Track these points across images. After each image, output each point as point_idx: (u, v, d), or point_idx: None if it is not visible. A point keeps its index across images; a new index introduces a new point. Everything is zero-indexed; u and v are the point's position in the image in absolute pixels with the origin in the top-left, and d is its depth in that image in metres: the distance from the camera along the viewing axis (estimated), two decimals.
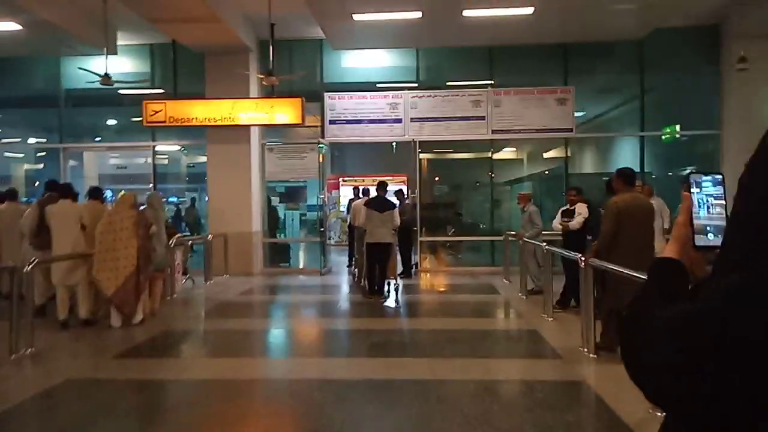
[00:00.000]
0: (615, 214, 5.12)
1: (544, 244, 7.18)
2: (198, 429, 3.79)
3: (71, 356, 5.46)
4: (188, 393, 4.55)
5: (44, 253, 6.43)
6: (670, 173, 11.82)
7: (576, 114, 11.06)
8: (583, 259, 5.37)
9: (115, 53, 10.91)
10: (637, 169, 10.86)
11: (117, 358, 5.34)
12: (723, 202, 0.93)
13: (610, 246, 5.10)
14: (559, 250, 6.87)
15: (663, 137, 10.89)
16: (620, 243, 5.06)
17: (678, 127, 10.66)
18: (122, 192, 11.49)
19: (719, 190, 0.94)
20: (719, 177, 0.95)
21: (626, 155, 11.83)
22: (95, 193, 7.01)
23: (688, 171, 11.52)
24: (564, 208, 7.48)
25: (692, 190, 0.94)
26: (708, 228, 0.92)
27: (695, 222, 0.92)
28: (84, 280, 6.37)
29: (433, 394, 4.24)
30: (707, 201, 0.93)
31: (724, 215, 0.91)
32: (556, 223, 7.44)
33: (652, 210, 5.40)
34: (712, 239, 0.91)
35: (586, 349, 5.19)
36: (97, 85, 9.41)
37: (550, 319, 6.62)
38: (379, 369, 4.93)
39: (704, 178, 0.94)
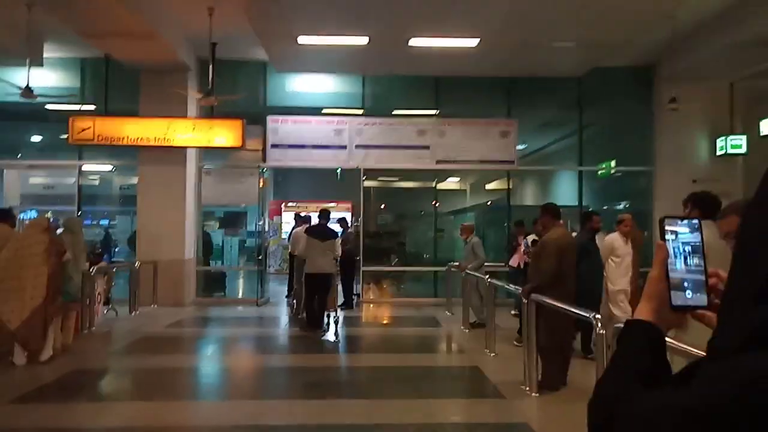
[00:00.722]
0: (556, 250, 5.08)
1: (487, 276, 7.07)
2: None
3: None
4: None
5: None
6: (605, 207, 12.16)
7: (518, 147, 11.23)
8: (524, 293, 5.27)
9: (41, 65, 10.20)
10: (575, 202, 11.09)
11: (18, 402, 4.73)
12: (701, 251, 0.78)
13: (550, 283, 5.04)
14: (501, 284, 6.78)
15: (598, 172, 11.21)
16: (559, 279, 5.02)
17: (613, 163, 11.00)
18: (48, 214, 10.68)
19: (697, 237, 0.79)
20: (696, 222, 0.81)
21: (566, 189, 12.09)
22: (4, 215, 6.37)
23: (621, 205, 11.97)
24: (533, 238, 7.33)
25: (667, 237, 0.78)
26: (685, 283, 0.76)
27: (671, 276, 0.76)
28: None
29: None
30: (684, 251, 0.78)
31: (703, 267, 0.77)
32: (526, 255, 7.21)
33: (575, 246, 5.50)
34: (691, 297, 0.76)
35: (528, 387, 5.04)
36: (19, 98, 8.72)
37: (492, 354, 6.48)
38: (313, 412, 4.59)
39: (680, 223, 0.80)
